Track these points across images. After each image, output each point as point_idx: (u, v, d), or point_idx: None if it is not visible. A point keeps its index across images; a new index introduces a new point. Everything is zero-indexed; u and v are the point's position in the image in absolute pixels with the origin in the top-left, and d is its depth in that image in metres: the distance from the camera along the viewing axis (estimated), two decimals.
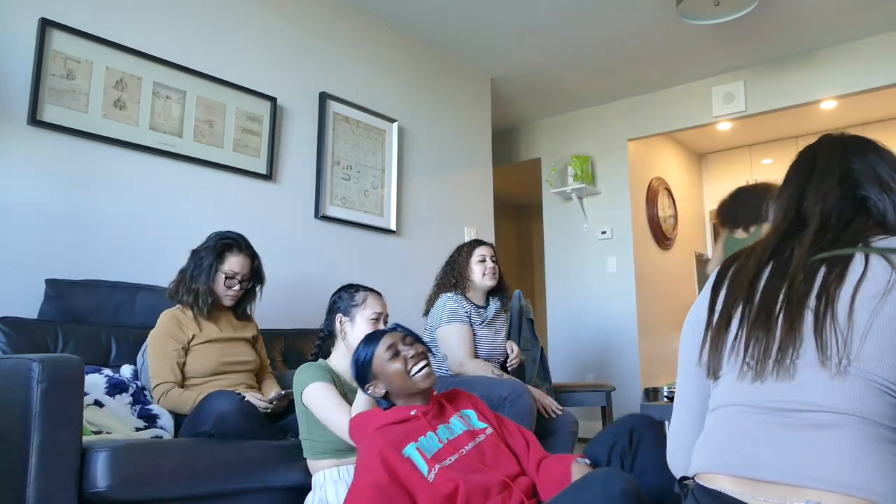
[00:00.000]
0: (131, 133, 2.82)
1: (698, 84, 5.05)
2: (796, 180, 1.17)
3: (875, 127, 5.80)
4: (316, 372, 1.95)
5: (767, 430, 0.98)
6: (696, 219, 6.46)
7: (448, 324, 2.77)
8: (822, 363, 0.94)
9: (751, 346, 1.02)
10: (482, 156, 4.79)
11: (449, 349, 2.76)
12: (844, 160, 1.15)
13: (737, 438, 1.02)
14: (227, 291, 2.40)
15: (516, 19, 4.07)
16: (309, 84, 3.61)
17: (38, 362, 1.65)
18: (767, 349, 1.00)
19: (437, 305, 2.84)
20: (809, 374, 0.96)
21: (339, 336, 2.09)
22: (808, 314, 0.98)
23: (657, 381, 5.21)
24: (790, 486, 0.93)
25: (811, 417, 0.95)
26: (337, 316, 2.10)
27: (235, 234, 2.47)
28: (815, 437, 0.93)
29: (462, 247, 2.98)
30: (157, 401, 2.23)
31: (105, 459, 1.66)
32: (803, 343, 0.97)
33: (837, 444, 0.91)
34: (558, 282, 5.62)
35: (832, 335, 0.95)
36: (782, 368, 0.98)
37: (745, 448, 1.00)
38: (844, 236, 1.04)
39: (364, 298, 2.11)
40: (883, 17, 4.17)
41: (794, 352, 0.97)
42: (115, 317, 2.50)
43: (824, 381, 0.94)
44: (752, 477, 0.97)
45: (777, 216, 1.16)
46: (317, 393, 1.90)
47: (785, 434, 0.96)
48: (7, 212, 2.46)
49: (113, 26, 2.81)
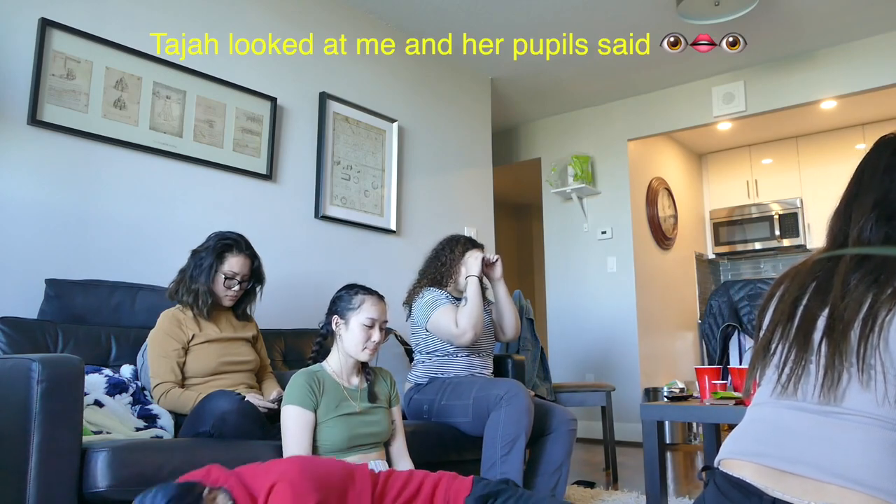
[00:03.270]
0: (131, 133, 2.82)
1: (698, 84, 5.05)
2: (847, 198, 1.19)
3: (875, 127, 5.79)
4: (301, 392, 1.94)
5: (799, 425, 1.02)
6: (697, 219, 6.46)
7: (435, 310, 2.68)
8: (865, 385, 0.97)
9: (788, 368, 1.06)
10: (482, 156, 4.79)
11: (443, 330, 2.65)
12: (885, 179, 1.15)
13: (768, 430, 1.05)
14: (226, 292, 2.40)
15: (516, 19, 4.07)
16: (309, 84, 3.61)
17: (38, 362, 1.65)
18: (807, 374, 1.04)
19: (419, 302, 2.76)
20: (852, 394, 0.99)
21: (336, 337, 2.08)
22: (853, 337, 1.00)
23: (657, 381, 5.22)
24: (814, 481, 0.96)
25: (844, 419, 0.98)
26: (333, 317, 2.08)
27: (235, 234, 2.47)
28: (844, 436, 0.97)
29: (456, 244, 2.89)
30: (157, 401, 2.23)
31: (105, 459, 1.66)
32: (848, 368, 1.00)
33: (863, 445, 0.95)
34: (558, 282, 5.62)
35: (877, 360, 0.97)
36: (826, 392, 1.01)
37: (775, 439, 1.03)
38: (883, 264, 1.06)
39: (361, 302, 2.06)
40: (883, 17, 4.17)
41: (837, 378, 1.00)
42: (115, 317, 2.50)
43: (865, 398, 0.98)
44: (777, 468, 1.00)
45: (827, 237, 1.20)
46: (289, 415, 1.93)
47: (816, 430, 0.99)
48: (7, 212, 2.46)
49: (113, 26, 2.81)
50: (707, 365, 2.65)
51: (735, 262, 6.60)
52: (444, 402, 2.58)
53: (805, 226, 5.93)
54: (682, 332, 5.94)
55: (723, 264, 6.68)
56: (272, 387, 2.47)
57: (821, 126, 5.92)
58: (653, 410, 2.24)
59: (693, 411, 2.36)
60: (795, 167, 6.13)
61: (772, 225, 6.07)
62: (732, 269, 6.64)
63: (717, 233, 6.39)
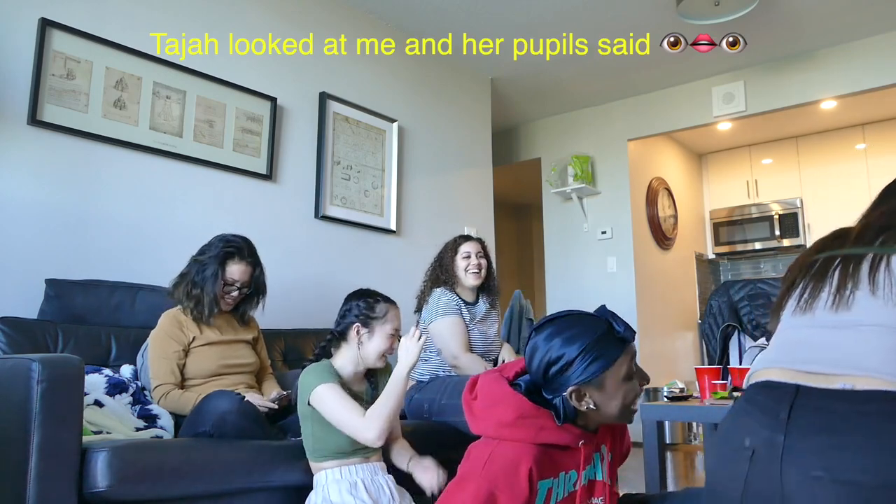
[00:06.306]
0: (131, 133, 2.82)
1: (698, 84, 5.05)
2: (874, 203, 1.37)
3: (875, 127, 5.80)
4: (322, 374, 1.92)
5: (813, 338, 1.18)
6: (697, 219, 6.46)
7: (441, 317, 2.73)
8: (873, 294, 1.13)
9: (807, 294, 1.23)
10: (482, 156, 4.79)
11: (442, 343, 2.71)
12: None
13: (787, 344, 1.23)
14: (224, 297, 2.39)
15: (516, 19, 4.07)
16: (309, 84, 3.61)
17: (38, 362, 1.65)
18: (820, 297, 1.21)
19: (430, 301, 2.81)
20: (861, 304, 1.15)
21: (353, 344, 2.02)
22: (864, 267, 1.17)
23: (657, 381, 5.21)
24: (828, 375, 1.10)
25: (854, 329, 1.14)
26: (354, 326, 2.02)
27: (240, 240, 2.43)
28: (854, 341, 1.12)
29: (449, 242, 2.94)
30: (156, 402, 2.23)
31: (105, 459, 1.66)
32: (858, 284, 1.16)
33: (868, 342, 1.10)
34: (558, 282, 5.62)
35: (886, 278, 1.13)
36: (840, 299, 1.17)
37: (793, 350, 1.20)
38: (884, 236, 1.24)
39: (385, 312, 2.02)
40: (883, 17, 4.17)
41: (851, 287, 1.16)
42: (115, 317, 2.50)
43: (873, 304, 1.13)
44: (797, 369, 1.14)
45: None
46: (325, 394, 1.87)
47: (829, 339, 1.15)
48: (7, 212, 2.46)
49: (113, 26, 2.81)
50: (707, 365, 2.65)
51: (735, 262, 6.60)
52: (444, 402, 2.59)
53: (805, 226, 5.93)
54: (682, 332, 5.94)
55: (723, 264, 6.68)
56: (272, 387, 2.47)
57: (821, 126, 5.92)
58: (653, 410, 2.24)
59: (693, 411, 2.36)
60: (795, 167, 6.13)
61: (772, 225, 6.07)
62: (732, 269, 6.63)
63: (717, 233, 6.39)
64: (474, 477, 1.26)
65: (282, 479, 1.96)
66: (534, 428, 1.29)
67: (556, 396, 1.31)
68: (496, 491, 1.21)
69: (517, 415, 1.29)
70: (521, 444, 1.28)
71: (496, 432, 1.31)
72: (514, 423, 1.29)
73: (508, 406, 1.31)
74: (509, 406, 1.31)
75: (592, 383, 1.30)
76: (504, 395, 1.33)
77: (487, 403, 1.35)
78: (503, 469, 1.25)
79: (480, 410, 1.35)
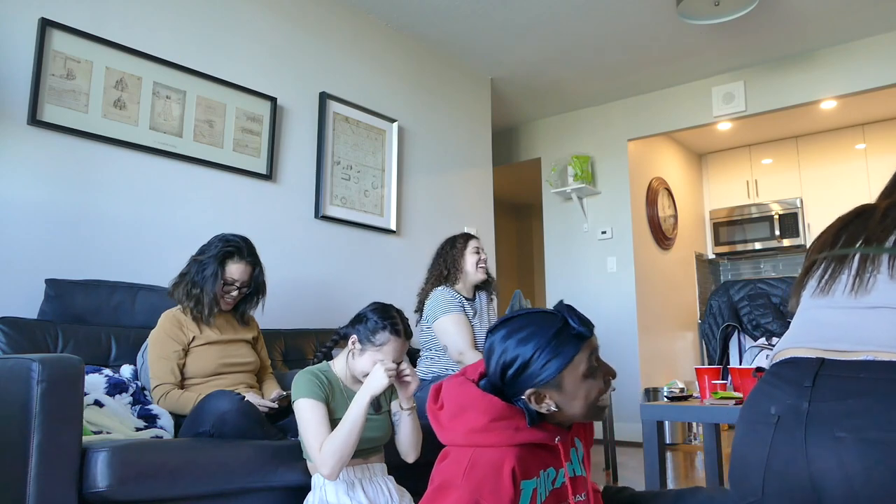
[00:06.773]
0: (131, 133, 2.82)
1: (698, 84, 5.05)
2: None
3: (875, 127, 5.80)
4: (310, 385, 1.92)
5: (832, 319, 1.21)
6: (697, 219, 6.46)
7: (445, 314, 2.77)
8: (892, 277, 1.16)
9: (827, 275, 1.26)
10: (482, 156, 4.79)
11: (448, 339, 2.75)
12: None
13: (806, 325, 1.25)
14: (223, 297, 2.39)
15: (516, 19, 4.07)
16: (309, 84, 3.61)
17: (38, 362, 1.65)
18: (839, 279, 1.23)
19: (432, 299, 2.83)
20: (880, 287, 1.17)
21: (349, 351, 2.03)
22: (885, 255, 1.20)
23: (657, 381, 5.22)
24: (851, 352, 1.13)
25: (872, 310, 1.16)
26: (352, 337, 2.01)
27: (239, 239, 2.43)
28: (872, 321, 1.15)
29: (456, 239, 3.00)
30: (156, 402, 2.23)
31: (105, 459, 1.66)
32: (879, 268, 1.19)
33: (890, 322, 1.13)
34: (558, 282, 5.62)
35: None
36: (860, 283, 1.19)
37: (813, 331, 1.22)
38: None
39: (384, 342, 1.96)
40: (883, 17, 4.17)
41: (872, 270, 1.19)
42: (115, 317, 2.50)
43: (892, 288, 1.15)
44: (820, 348, 1.17)
45: None
46: (302, 408, 1.89)
47: (847, 320, 1.18)
48: (7, 212, 2.46)
49: (113, 26, 2.81)
50: (707, 365, 2.65)
51: (735, 262, 6.60)
52: None
53: (805, 226, 5.93)
54: (682, 332, 5.95)
55: (723, 264, 6.68)
56: (272, 387, 2.47)
57: (821, 126, 5.92)
58: (653, 410, 2.24)
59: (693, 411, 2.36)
60: (795, 167, 6.13)
61: (772, 225, 6.07)
62: (732, 269, 6.64)
63: (717, 233, 6.39)
64: (455, 486, 1.19)
65: (282, 479, 1.96)
66: (509, 430, 1.23)
67: (518, 399, 1.26)
68: (480, 500, 1.16)
69: (489, 418, 1.23)
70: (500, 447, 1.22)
71: (467, 439, 1.23)
72: (488, 428, 1.23)
73: (479, 410, 1.24)
74: (480, 410, 1.24)
75: (550, 384, 1.23)
76: (472, 398, 1.26)
77: (455, 411, 1.27)
78: (486, 474, 1.19)
79: (448, 420, 1.28)
